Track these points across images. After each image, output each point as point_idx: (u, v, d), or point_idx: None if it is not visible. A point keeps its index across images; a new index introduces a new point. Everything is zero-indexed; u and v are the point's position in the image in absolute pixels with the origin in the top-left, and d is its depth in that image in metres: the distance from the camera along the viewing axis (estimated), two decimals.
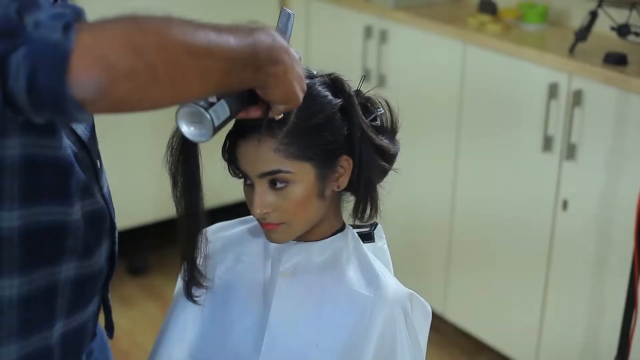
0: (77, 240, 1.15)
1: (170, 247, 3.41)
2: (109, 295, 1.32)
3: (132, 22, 0.90)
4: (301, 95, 1.10)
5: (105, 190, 1.24)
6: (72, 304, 1.19)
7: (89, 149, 1.18)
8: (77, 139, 1.16)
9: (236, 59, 0.98)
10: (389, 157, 1.27)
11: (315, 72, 1.25)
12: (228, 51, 0.97)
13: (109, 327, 1.36)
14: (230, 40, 0.97)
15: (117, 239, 1.28)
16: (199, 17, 1.02)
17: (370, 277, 1.27)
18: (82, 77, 0.86)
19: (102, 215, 1.20)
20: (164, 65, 0.90)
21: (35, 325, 1.13)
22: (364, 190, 1.25)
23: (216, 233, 1.37)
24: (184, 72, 0.92)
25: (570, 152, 2.34)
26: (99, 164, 1.22)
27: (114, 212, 1.28)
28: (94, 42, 0.86)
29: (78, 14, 0.90)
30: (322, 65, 1.32)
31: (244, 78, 1.00)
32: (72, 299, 1.19)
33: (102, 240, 1.23)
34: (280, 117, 1.13)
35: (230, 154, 1.22)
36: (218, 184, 1.36)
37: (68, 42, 0.85)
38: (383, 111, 1.28)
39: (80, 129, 1.18)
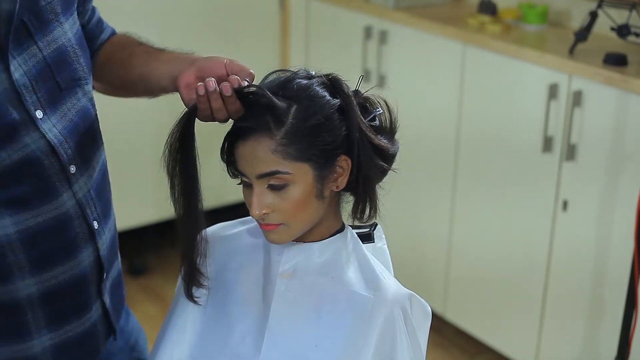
0: (19, 256, 1.17)
1: (170, 247, 3.41)
2: (107, 299, 1.34)
3: None
4: None
5: (80, 195, 1.24)
6: (55, 316, 1.22)
7: (58, 154, 1.19)
8: (46, 143, 1.17)
9: None
10: (388, 157, 1.27)
11: (313, 73, 1.25)
12: None
13: (110, 329, 1.37)
14: None
15: (99, 245, 1.29)
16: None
17: (370, 277, 1.27)
18: None
19: (66, 221, 1.21)
20: None
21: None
22: (363, 191, 1.25)
23: (216, 234, 1.37)
24: None
25: (570, 152, 2.34)
26: (73, 169, 1.22)
27: (96, 217, 1.28)
28: None
29: None
30: (322, 66, 1.32)
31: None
32: (51, 311, 1.21)
33: (74, 247, 1.24)
34: None
35: (229, 155, 1.22)
36: (218, 184, 1.36)
37: None
38: (382, 111, 1.28)
39: (54, 132, 1.18)
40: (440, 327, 2.90)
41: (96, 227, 1.29)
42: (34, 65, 1.16)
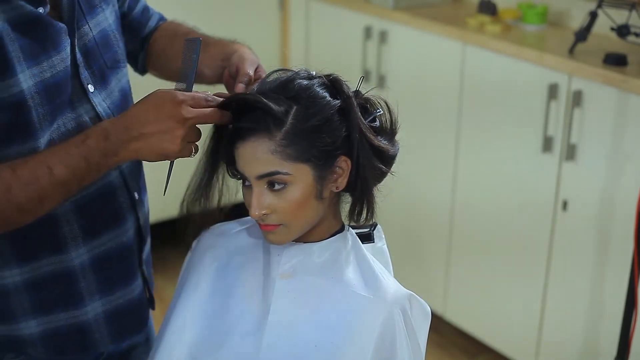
0: (72, 225, 1.28)
1: (170, 247, 3.41)
2: (152, 270, 1.50)
3: None
4: (179, 143, 1.16)
5: (123, 167, 1.35)
6: (105, 283, 1.33)
7: None
8: (95, 114, 1.28)
9: (69, 181, 1.16)
10: (388, 159, 1.27)
11: (314, 73, 1.25)
12: (56, 185, 1.15)
13: (150, 300, 1.49)
14: (55, 175, 1.15)
15: (141, 215, 1.40)
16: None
17: (370, 278, 1.27)
18: None
19: (111, 191, 1.31)
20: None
21: (53, 305, 1.30)
22: (361, 192, 1.25)
23: (215, 233, 1.38)
24: (17, 223, 1.18)
25: (570, 152, 2.34)
26: None
27: (136, 188, 1.39)
28: None
29: None
30: (322, 65, 1.32)
31: (93, 176, 1.18)
32: (102, 279, 1.33)
33: (120, 215, 1.34)
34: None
35: (229, 155, 1.22)
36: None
37: None
38: (382, 112, 1.28)
39: (103, 106, 1.30)
40: (440, 327, 2.90)
41: (137, 198, 1.38)
42: (85, 44, 1.28)
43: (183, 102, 1.16)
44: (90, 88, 1.28)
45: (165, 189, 1.26)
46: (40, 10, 1.20)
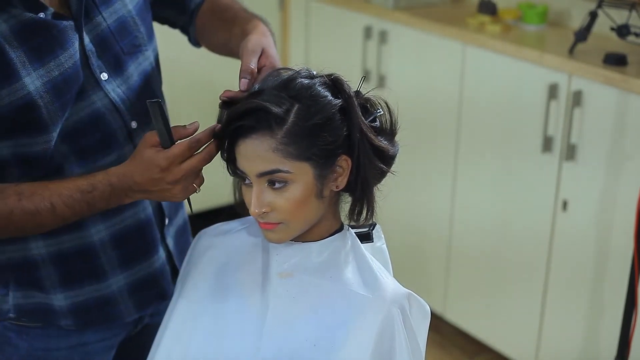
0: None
1: None
2: (191, 237, 1.55)
3: None
4: (181, 194, 1.24)
5: None
6: (125, 257, 1.39)
7: (120, 112, 1.32)
8: (109, 101, 1.31)
9: (69, 217, 1.26)
10: (388, 159, 1.27)
11: (315, 73, 1.26)
12: (55, 218, 1.26)
13: (174, 271, 1.52)
14: (56, 212, 1.25)
15: None
16: None
17: (369, 277, 1.27)
18: None
19: None
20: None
21: (78, 278, 1.38)
22: (361, 192, 1.25)
23: (214, 233, 1.38)
24: (13, 236, 1.31)
25: (570, 152, 2.34)
26: (135, 124, 1.36)
27: None
28: None
29: None
30: (322, 66, 1.32)
31: (93, 214, 1.29)
32: (122, 253, 1.38)
33: None
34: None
35: (230, 153, 1.23)
36: (218, 184, 1.37)
37: None
38: (382, 112, 1.28)
39: (117, 92, 1.32)
40: (440, 327, 2.90)
41: None
42: (98, 34, 1.32)
43: (169, 165, 1.21)
44: (104, 76, 1.32)
45: (191, 209, 1.32)
46: (41, 15, 1.23)
